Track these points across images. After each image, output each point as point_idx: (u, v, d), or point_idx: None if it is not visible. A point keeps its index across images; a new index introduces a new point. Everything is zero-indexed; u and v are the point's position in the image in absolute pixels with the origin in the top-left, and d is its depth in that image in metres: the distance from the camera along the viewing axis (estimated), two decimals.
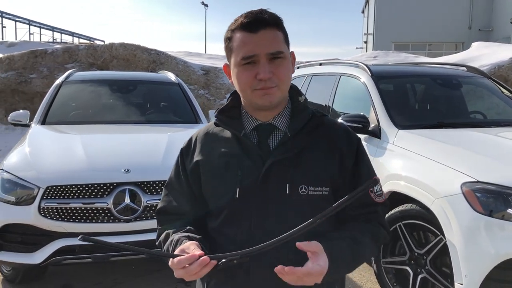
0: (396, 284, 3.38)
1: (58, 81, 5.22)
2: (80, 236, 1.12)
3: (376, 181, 1.20)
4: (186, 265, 1.15)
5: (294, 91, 1.42)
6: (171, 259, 1.19)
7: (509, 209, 2.73)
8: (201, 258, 1.15)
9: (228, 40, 1.32)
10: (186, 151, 1.44)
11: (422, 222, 3.15)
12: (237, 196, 1.30)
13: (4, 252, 3.32)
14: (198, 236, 1.30)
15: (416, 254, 3.24)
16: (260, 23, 1.27)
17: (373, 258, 3.50)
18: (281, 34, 1.30)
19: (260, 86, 1.27)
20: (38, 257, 3.24)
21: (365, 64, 4.61)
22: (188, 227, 1.37)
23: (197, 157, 1.39)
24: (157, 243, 1.43)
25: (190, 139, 1.46)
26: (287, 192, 1.28)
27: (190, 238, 1.28)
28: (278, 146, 1.32)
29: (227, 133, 1.38)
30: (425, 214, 3.11)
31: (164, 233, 1.39)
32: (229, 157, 1.34)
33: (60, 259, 3.26)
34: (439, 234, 3.04)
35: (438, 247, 3.07)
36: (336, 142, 1.36)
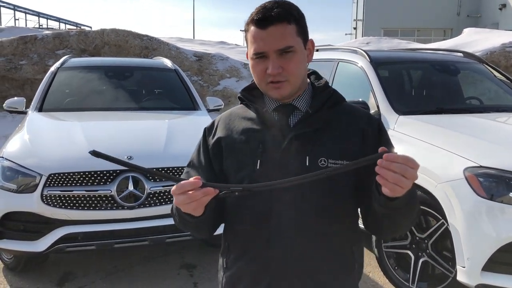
0: (397, 268, 3.43)
1: (53, 68, 5.15)
2: (91, 150, 1.13)
3: (393, 152, 1.12)
4: (190, 192, 1.17)
5: (315, 76, 1.48)
6: (175, 186, 1.20)
7: (510, 193, 2.78)
8: (205, 188, 1.18)
9: (245, 31, 1.38)
10: (209, 130, 1.50)
11: (423, 207, 3.20)
12: (257, 167, 1.35)
13: (6, 240, 3.30)
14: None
15: (417, 238, 3.29)
16: (269, 20, 1.30)
17: (374, 242, 3.56)
18: (292, 27, 1.32)
19: (270, 80, 1.33)
20: (41, 245, 3.24)
21: (363, 50, 4.61)
22: None
23: (219, 134, 1.45)
24: (173, 214, 1.42)
25: (214, 120, 1.53)
26: (307, 164, 1.32)
27: None
28: (299, 122, 1.38)
29: (250, 113, 1.44)
30: (427, 199, 3.15)
31: None
32: (250, 132, 1.40)
33: (63, 246, 3.25)
34: (440, 218, 3.09)
35: (440, 231, 3.12)
36: (358, 123, 1.40)
